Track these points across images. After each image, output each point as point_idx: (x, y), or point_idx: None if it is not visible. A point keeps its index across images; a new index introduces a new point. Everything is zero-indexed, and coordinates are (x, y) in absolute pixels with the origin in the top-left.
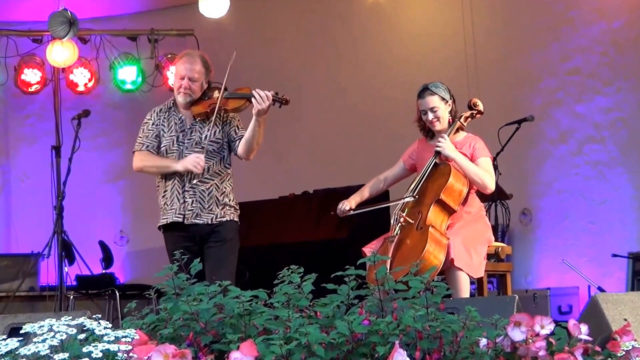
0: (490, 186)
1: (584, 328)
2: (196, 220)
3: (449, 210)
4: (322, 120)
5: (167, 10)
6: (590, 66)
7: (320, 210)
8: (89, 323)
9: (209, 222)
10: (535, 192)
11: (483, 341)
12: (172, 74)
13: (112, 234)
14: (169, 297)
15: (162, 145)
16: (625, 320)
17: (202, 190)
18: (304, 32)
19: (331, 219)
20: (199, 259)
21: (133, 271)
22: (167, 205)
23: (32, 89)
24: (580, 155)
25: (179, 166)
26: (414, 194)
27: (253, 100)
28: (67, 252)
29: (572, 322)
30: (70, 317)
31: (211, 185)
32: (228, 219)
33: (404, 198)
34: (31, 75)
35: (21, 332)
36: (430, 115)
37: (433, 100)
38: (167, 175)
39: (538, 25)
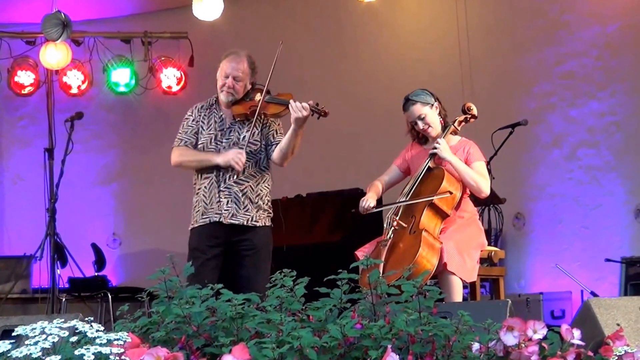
0: (486, 190)
1: (577, 333)
2: (232, 220)
3: (442, 215)
4: (316, 123)
5: (161, 12)
6: (585, 70)
7: (313, 213)
8: (81, 325)
9: (245, 222)
10: (529, 197)
11: (475, 346)
12: (166, 77)
13: (104, 237)
14: (161, 300)
15: (199, 143)
16: (618, 325)
17: (236, 191)
18: (298, 35)
19: (324, 222)
20: (216, 262)
21: (125, 274)
22: (205, 204)
23: (26, 90)
24: (573, 160)
25: (220, 159)
26: (408, 197)
27: (290, 109)
28: (60, 254)
29: (564, 327)
30: (63, 320)
31: (246, 187)
32: (261, 224)
33: (399, 201)
34: (24, 77)
35: (13, 334)
36: (421, 124)
37: (417, 109)
38: (203, 174)
39: (532, 29)
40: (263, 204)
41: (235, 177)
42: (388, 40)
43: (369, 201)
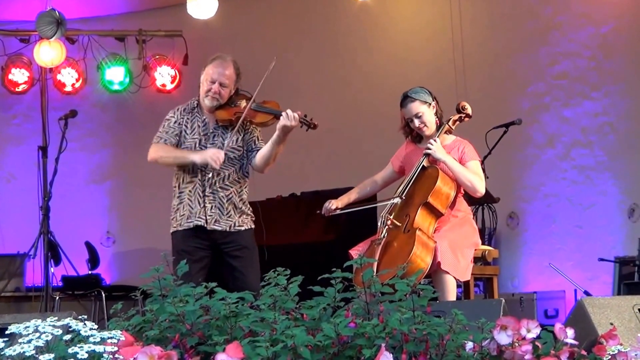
0: (481, 189)
1: (570, 332)
2: (215, 226)
3: (437, 214)
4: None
5: (155, 11)
6: (578, 70)
7: (307, 212)
8: (74, 324)
9: (228, 229)
10: (523, 196)
11: (469, 344)
12: (160, 75)
13: (98, 235)
14: (155, 298)
15: (183, 147)
16: (612, 324)
17: (221, 196)
18: (293, 33)
19: (318, 221)
20: (203, 263)
21: (119, 272)
22: (189, 208)
23: (20, 88)
24: (567, 160)
25: (197, 157)
26: (402, 196)
27: (281, 117)
28: (53, 252)
29: (558, 326)
30: (56, 318)
31: (231, 192)
32: (245, 228)
33: (392, 199)
34: (18, 75)
35: (6, 332)
36: (417, 122)
37: (415, 107)
38: (187, 177)
39: (526, 30)
40: (246, 208)
41: (221, 181)
42: (382, 40)
43: (332, 203)
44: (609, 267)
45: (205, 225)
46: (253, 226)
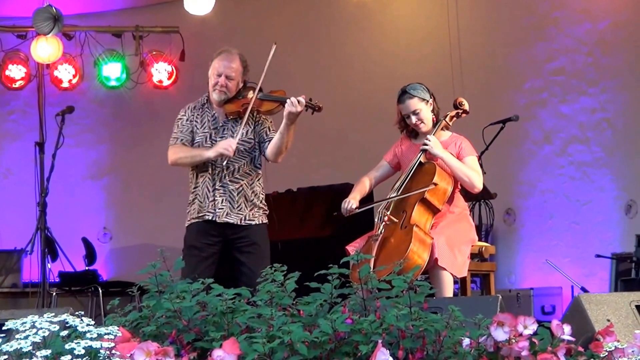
0: (478, 185)
1: (567, 328)
2: (227, 219)
3: (434, 210)
4: (307, 118)
5: (152, 7)
6: (575, 66)
7: (304, 208)
8: (71, 320)
9: (239, 222)
10: (520, 192)
11: (466, 341)
12: (157, 71)
13: (95, 231)
14: (151, 294)
15: (194, 142)
16: (608, 320)
17: (231, 189)
18: (289, 30)
19: (315, 217)
20: (211, 260)
21: (116, 268)
22: (199, 202)
23: (16, 84)
24: (564, 156)
25: (211, 153)
26: (399, 192)
27: (286, 104)
28: (50, 248)
29: (555, 323)
30: (53, 314)
31: (241, 185)
32: (257, 222)
33: (393, 196)
34: (15, 71)
35: (3, 328)
36: (414, 119)
37: (413, 103)
38: (199, 172)
39: (523, 25)
40: (258, 201)
41: (231, 175)
42: (379, 36)
43: (350, 202)
44: (605, 263)
45: (216, 219)
46: (266, 221)
